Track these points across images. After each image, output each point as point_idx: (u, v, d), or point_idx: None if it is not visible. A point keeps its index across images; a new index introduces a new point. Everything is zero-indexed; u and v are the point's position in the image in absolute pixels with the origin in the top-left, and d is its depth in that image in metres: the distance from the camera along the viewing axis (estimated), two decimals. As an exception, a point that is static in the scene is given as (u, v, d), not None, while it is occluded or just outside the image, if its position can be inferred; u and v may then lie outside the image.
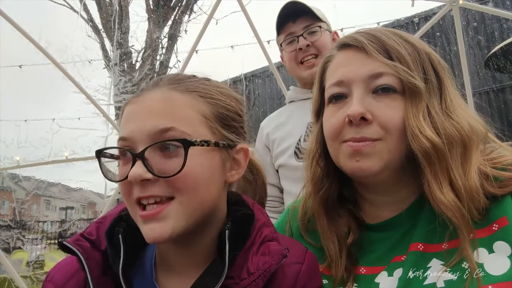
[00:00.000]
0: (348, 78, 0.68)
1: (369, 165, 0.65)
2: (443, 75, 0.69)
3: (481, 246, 0.60)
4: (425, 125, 0.63)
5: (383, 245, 0.69)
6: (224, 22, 11.14)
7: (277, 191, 1.58)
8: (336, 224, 0.73)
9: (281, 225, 0.88)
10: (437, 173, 0.62)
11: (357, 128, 0.65)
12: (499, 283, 0.55)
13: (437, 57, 0.70)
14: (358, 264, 0.70)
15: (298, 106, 1.62)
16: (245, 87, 9.43)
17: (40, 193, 10.88)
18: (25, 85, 24.03)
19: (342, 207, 0.74)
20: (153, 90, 0.64)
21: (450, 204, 0.59)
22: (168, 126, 0.59)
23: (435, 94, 0.67)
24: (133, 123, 0.61)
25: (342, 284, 0.69)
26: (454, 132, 0.63)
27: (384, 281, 0.65)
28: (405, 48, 0.67)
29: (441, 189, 0.61)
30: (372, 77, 0.66)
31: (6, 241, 8.23)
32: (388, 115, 0.65)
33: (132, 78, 7.90)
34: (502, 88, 6.99)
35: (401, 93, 0.66)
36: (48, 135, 8.51)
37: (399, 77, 0.65)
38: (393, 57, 0.66)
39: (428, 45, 0.72)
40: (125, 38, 8.36)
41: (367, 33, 0.70)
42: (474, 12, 6.84)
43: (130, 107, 0.63)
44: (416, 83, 0.65)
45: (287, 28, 1.53)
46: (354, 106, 0.65)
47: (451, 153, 0.63)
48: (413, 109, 0.64)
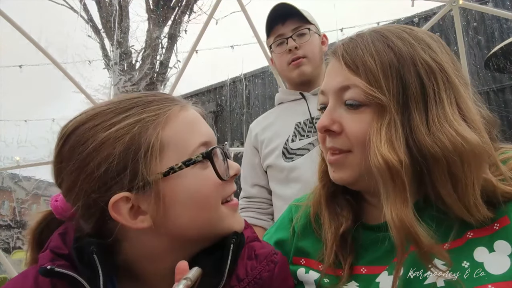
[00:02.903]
0: (326, 89, 0.70)
1: (340, 176, 0.69)
2: (431, 83, 0.62)
3: (481, 245, 0.59)
4: (385, 141, 0.60)
5: (384, 245, 0.69)
6: (224, 22, 11.13)
7: (266, 193, 1.58)
8: (335, 216, 0.74)
9: (282, 223, 0.88)
10: (389, 192, 0.60)
11: (329, 137, 0.69)
12: (499, 283, 0.55)
13: (427, 62, 0.63)
14: (358, 264, 0.70)
15: (286, 107, 1.62)
16: (245, 87, 9.43)
17: (40, 193, 10.86)
18: (25, 85, 24.01)
19: (344, 199, 0.75)
20: None
21: (395, 224, 0.58)
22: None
23: (417, 105, 0.61)
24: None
25: (339, 281, 0.69)
26: (435, 149, 0.58)
27: (385, 280, 0.65)
28: (379, 56, 0.63)
29: (391, 207, 0.59)
30: (341, 90, 0.67)
31: (6, 241, 8.23)
32: (353, 129, 0.65)
33: (132, 77, 7.89)
34: (502, 88, 6.99)
35: (369, 105, 0.64)
36: (48, 135, 8.49)
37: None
38: (360, 70, 0.64)
39: (430, 43, 0.66)
40: (125, 38, 8.36)
41: (349, 41, 0.69)
42: (474, 12, 6.83)
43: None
44: (377, 97, 0.61)
45: (276, 30, 1.54)
46: (321, 119, 0.68)
47: (433, 171, 0.60)
48: (377, 124, 0.62)
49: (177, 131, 0.60)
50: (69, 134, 0.59)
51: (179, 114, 0.62)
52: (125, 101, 0.62)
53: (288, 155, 1.48)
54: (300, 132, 1.50)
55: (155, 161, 0.57)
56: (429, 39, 0.67)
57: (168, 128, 0.60)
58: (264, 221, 1.55)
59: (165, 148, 0.59)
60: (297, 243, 0.81)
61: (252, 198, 1.59)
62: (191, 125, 0.63)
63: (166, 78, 8.56)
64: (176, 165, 0.58)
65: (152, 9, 8.53)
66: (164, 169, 0.58)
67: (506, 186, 0.60)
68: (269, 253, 0.69)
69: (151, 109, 0.60)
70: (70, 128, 0.60)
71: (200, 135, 0.63)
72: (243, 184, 1.63)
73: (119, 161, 0.55)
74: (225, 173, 0.64)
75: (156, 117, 0.59)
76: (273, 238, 0.86)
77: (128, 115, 0.59)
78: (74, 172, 0.58)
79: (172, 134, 0.60)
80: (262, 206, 1.57)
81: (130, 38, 8.42)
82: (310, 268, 0.76)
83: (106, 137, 0.56)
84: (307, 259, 0.78)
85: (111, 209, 0.56)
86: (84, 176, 0.57)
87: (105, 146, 0.56)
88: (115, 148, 0.56)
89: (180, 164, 0.58)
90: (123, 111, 0.59)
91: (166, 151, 0.59)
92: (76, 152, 0.57)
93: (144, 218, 0.58)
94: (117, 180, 0.56)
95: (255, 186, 1.59)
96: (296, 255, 0.80)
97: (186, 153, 0.60)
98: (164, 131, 0.59)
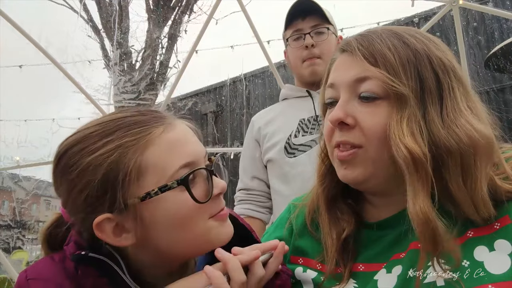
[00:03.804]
0: (337, 82, 0.69)
1: (355, 175, 0.66)
2: (446, 78, 0.64)
3: (482, 244, 0.59)
4: (407, 133, 0.60)
5: (382, 242, 0.69)
6: (224, 22, 11.15)
7: (265, 186, 1.58)
8: (337, 221, 0.73)
9: (281, 222, 0.88)
10: (413, 184, 0.60)
11: (341, 132, 0.67)
12: (500, 282, 0.55)
13: (441, 58, 0.65)
14: (356, 261, 0.70)
15: (291, 103, 1.62)
16: (245, 87, 9.43)
17: (40, 193, 10.86)
18: (25, 85, 24.01)
19: (345, 203, 0.75)
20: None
21: (418, 217, 0.58)
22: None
23: (432, 99, 0.63)
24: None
25: (338, 280, 0.69)
26: (451, 142, 0.59)
27: (383, 278, 0.65)
28: (396, 51, 0.64)
29: (415, 199, 0.59)
30: (357, 82, 0.66)
31: (6, 241, 8.23)
32: (368, 122, 0.64)
33: (132, 78, 7.89)
34: (502, 88, 6.99)
35: (386, 98, 0.64)
36: (48, 135, 8.51)
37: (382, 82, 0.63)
38: (378, 61, 0.64)
39: (438, 43, 0.68)
40: (125, 38, 8.36)
41: (362, 36, 0.69)
42: (474, 12, 6.83)
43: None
44: (398, 89, 0.62)
45: (296, 24, 1.53)
46: (334, 111, 0.67)
47: (445, 164, 0.60)
48: (397, 116, 0.62)
49: (156, 155, 0.60)
50: (60, 157, 0.62)
51: (161, 136, 0.61)
52: (111, 122, 0.63)
53: (290, 150, 1.47)
54: (303, 128, 1.49)
55: (134, 185, 0.59)
56: (437, 39, 0.68)
57: (148, 152, 0.60)
58: (263, 214, 1.55)
59: (144, 172, 0.59)
60: (295, 242, 0.81)
61: (251, 190, 1.58)
62: (172, 147, 0.62)
63: (166, 78, 8.55)
64: (152, 190, 0.59)
65: (152, 9, 8.53)
66: (142, 193, 0.59)
67: (508, 184, 0.61)
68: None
69: (133, 132, 0.60)
70: (61, 150, 0.63)
71: (181, 157, 0.61)
72: (242, 175, 1.63)
73: (99, 187, 0.58)
74: (207, 194, 0.63)
75: (136, 141, 0.60)
76: (272, 236, 0.86)
77: (110, 140, 0.60)
78: (64, 193, 0.62)
79: (151, 158, 0.60)
80: (260, 199, 1.57)
81: (130, 38, 8.42)
82: (307, 267, 0.76)
83: (88, 164, 0.59)
84: (305, 258, 0.78)
85: (95, 228, 0.59)
86: (71, 199, 0.61)
87: (87, 172, 0.59)
88: (95, 174, 0.58)
89: (156, 190, 0.59)
90: (106, 135, 0.60)
91: (145, 175, 0.59)
92: (64, 176, 0.61)
93: (128, 236, 0.61)
94: (99, 203, 0.59)
95: (255, 179, 1.58)
96: (294, 254, 0.80)
97: (165, 176, 0.60)
98: (143, 155, 0.59)
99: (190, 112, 9.91)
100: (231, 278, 0.58)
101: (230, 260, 0.59)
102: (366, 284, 0.66)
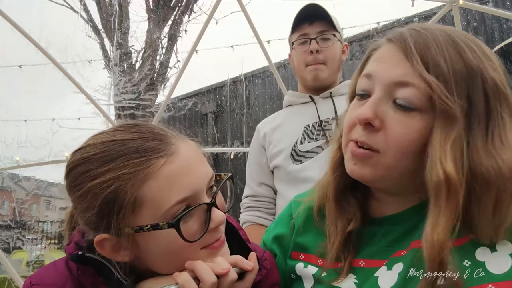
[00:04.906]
0: (376, 75, 0.64)
1: (363, 173, 0.65)
2: (497, 104, 0.58)
3: (483, 245, 0.59)
4: (450, 157, 0.55)
5: (384, 239, 0.68)
6: (224, 22, 11.13)
7: (271, 192, 1.58)
8: (343, 213, 0.72)
9: (281, 218, 0.88)
10: (440, 209, 0.56)
11: (364, 131, 0.64)
12: (500, 282, 0.55)
13: (495, 81, 0.59)
14: (357, 256, 0.70)
15: (295, 109, 1.62)
16: (245, 87, 9.43)
17: (40, 193, 10.85)
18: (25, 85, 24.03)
19: (353, 196, 0.74)
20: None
21: (433, 247, 0.55)
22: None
23: (480, 124, 0.58)
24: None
25: (338, 274, 0.69)
26: (490, 174, 0.55)
27: (383, 275, 0.65)
28: (452, 63, 0.58)
29: (435, 227, 0.55)
30: (397, 85, 0.60)
31: (6, 241, 8.22)
32: (397, 132, 0.60)
33: (132, 78, 7.89)
34: (502, 88, 6.99)
35: (424, 111, 0.59)
36: (48, 135, 8.49)
37: (429, 93, 0.57)
38: (430, 69, 0.58)
39: (495, 61, 0.62)
40: (125, 38, 8.35)
41: (418, 33, 0.62)
42: (474, 12, 6.83)
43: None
44: (450, 105, 0.56)
45: (302, 28, 1.54)
46: (363, 109, 0.63)
47: (479, 195, 0.56)
48: (442, 135, 0.57)
49: (153, 190, 0.60)
50: (68, 172, 0.65)
51: (161, 169, 0.60)
52: (114, 145, 0.62)
53: (297, 157, 1.48)
54: (309, 135, 1.50)
55: (129, 217, 0.60)
56: (488, 51, 0.63)
57: (145, 186, 0.59)
58: (270, 222, 1.56)
59: (140, 205, 0.60)
60: (296, 238, 0.81)
61: (259, 197, 1.59)
62: (171, 181, 0.61)
63: (166, 78, 8.55)
64: (145, 226, 0.60)
65: (152, 9, 8.52)
66: (136, 225, 0.60)
67: None
68: (260, 258, 0.73)
69: (133, 163, 0.60)
70: (68, 168, 0.65)
71: (179, 192, 0.61)
72: (249, 182, 1.63)
73: (97, 212, 0.60)
74: (201, 229, 0.63)
75: (134, 174, 0.59)
76: (272, 233, 0.86)
77: (110, 167, 0.60)
78: (72, 203, 0.66)
79: (147, 192, 0.60)
80: (268, 206, 1.57)
81: (130, 38, 8.42)
82: (308, 263, 0.76)
83: (88, 189, 0.60)
84: (306, 254, 0.78)
85: (96, 245, 0.62)
86: (77, 212, 0.66)
87: (87, 198, 0.61)
88: (94, 201, 0.60)
89: (149, 226, 0.60)
90: (109, 161, 0.61)
91: (141, 208, 0.60)
92: (70, 191, 0.65)
93: (126, 253, 0.63)
94: (98, 225, 0.62)
95: (262, 185, 1.59)
96: (295, 250, 0.80)
97: (160, 211, 0.60)
98: (140, 189, 0.59)
99: (190, 112, 9.90)
100: (201, 280, 0.60)
101: (198, 264, 0.62)
102: (366, 281, 0.66)
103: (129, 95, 7.72)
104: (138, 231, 0.60)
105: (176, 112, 9.50)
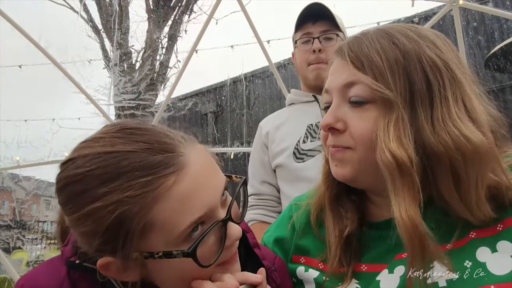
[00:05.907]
0: (330, 87, 0.70)
1: (344, 172, 0.67)
2: (436, 80, 0.61)
3: (484, 245, 0.59)
4: (394, 138, 0.59)
5: (385, 243, 0.68)
6: (224, 22, 11.15)
7: (275, 191, 1.58)
8: (340, 219, 0.73)
9: (282, 221, 0.88)
10: (398, 189, 0.59)
11: (332, 136, 0.68)
12: (502, 283, 0.55)
13: (432, 58, 0.62)
14: (360, 261, 0.70)
15: (298, 108, 1.62)
16: (245, 87, 9.43)
17: (40, 193, 10.85)
18: (25, 85, 24.01)
19: (349, 201, 0.75)
20: None
21: (404, 223, 0.57)
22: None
23: (422, 102, 0.61)
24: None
25: (340, 280, 0.69)
26: (439, 148, 0.58)
27: (385, 278, 0.65)
28: (384, 53, 0.63)
29: (399, 205, 0.58)
30: (346, 86, 0.66)
31: (6, 241, 8.23)
32: (357, 127, 0.64)
33: (132, 78, 7.89)
34: (502, 88, 6.98)
35: (374, 103, 0.63)
36: (48, 135, 8.50)
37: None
38: (365, 66, 0.63)
39: (434, 40, 0.65)
40: (125, 38, 8.36)
41: (354, 39, 0.69)
42: (474, 12, 6.83)
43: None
44: (383, 94, 0.61)
45: (306, 27, 1.55)
46: (325, 116, 0.68)
47: (435, 170, 0.60)
48: (384, 120, 0.61)
49: (164, 213, 0.52)
50: (60, 190, 0.56)
51: (172, 189, 0.52)
52: (113, 159, 0.53)
53: (299, 155, 1.48)
54: (311, 134, 1.50)
55: (137, 241, 0.53)
56: (434, 36, 0.66)
57: (155, 209, 0.52)
58: (274, 219, 1.55)
59: (149, 230, 0.53)
60: (297, 242, 0.80)
61: (262, 195, 1.59)
62: (183, 201, 0.53)
63: (166, 78, 8.56)
64: (156, 253, 0.53)
65: (152, 9, 8.53)
66: (146, 250, 0.53)
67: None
68: (269, 268, 0.70)
69: (139, 183, 0.51)
70: (59, 183, 0.56)
71: (193, 212, 0.54)
72: (251, 180, 1.63)
73: (100, 238, 0.53)
74: (217, 248, 0.57)
75: (141, 197, 0.51)
76: (273, 235, 0.86)
77: (112, 188, 0.52)
78: (67, 221, 0.58)
79: (157, 216, 0.52)
80: (271, 204, 1.57)
81: (130, 38, 8.42)
82: (309, 266, 0.76)
83: (88, 212, 0.52)
84: (306, 258, 0.78)
85: (99, 268, 0.55)
86: (73, 232, 0.58)
87: (87, 222, 0.53)
88: (96, 227, 0.52)
89: (160, 254, 0.53)
90: (109, 179, 0.52)
91: (151, 232, 0.53)
92: (65, 211, 0.56)
93: (133, 274, 0.57)
94: (101, 249, 0.54)
95: (264, 183, 1.59)
96: (295, 254, 0.80)
97: (173, 236, 0.53)
98: (149, 213, 0.52)
99: (190, 112, 9.90)
100: None
101: (206, 285, 0.56)
102: (369, 285, 0.66)
103: (129, 95, 7.72)
104: (148, 257, 0.53)
105: (176, 112, 9.51)
